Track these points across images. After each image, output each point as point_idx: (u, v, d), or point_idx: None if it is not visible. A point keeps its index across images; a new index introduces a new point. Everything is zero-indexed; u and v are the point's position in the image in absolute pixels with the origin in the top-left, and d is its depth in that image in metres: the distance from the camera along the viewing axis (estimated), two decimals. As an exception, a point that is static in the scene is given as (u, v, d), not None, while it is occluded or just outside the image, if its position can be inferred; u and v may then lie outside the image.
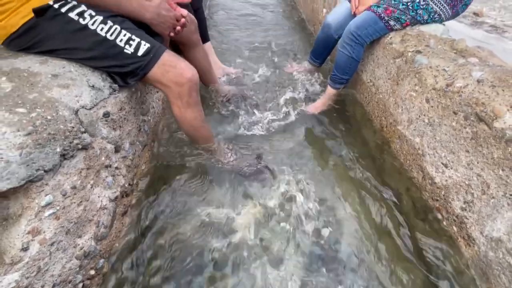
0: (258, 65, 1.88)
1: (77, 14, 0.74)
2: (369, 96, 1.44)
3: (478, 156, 0.80)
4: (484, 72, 0.86)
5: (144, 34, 0.82)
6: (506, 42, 2.95)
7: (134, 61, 0.79)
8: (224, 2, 3.18)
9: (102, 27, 0.76)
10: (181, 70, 0.84)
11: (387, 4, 1.22)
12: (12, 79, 0.69)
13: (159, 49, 0.82)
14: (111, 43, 0.76)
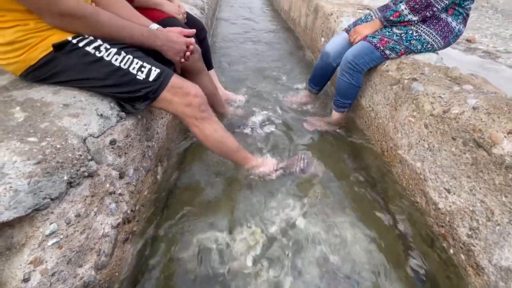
0: (259, 90, 1.94)
1: (94, 48, 0.79)
2: (369, 120, 1.47)
3: (480, 182, 0.81)
4: (479, 100, 0.89)
5: (154, 61, 0.88)
6: (500, 66, 3.04)
7: (146, 85, 0.83)
8: (227, 31, 3.35)
9: (117, 57, 0.80)
10: (186, 89, 0.90)
11: (382, 35, 1.29)
12: (25, 109, 0.73)
13: (168, 74, 0.87)
14: (124, 71, 0.81)
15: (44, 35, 0.75)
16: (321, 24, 2.32)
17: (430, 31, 1.24)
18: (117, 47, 0.81)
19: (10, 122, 0.68)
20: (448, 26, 1.23)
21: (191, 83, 0.93)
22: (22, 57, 0.76)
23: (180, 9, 1.39)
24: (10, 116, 0.70)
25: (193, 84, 0.94)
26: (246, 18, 4.08)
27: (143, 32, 0.87)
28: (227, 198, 1.13)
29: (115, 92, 0.83)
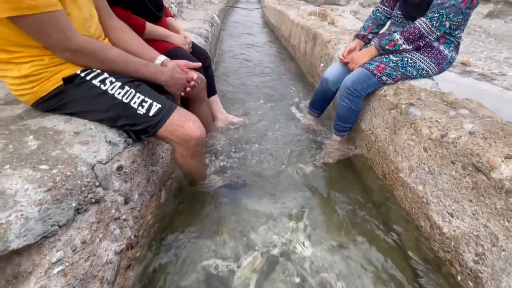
0: (260, 113, 1.99)
1: (100, 81, 0.83)
2: (369, 143, 1.50)
3: (482, 206, 0.81)
4: (475, 124, 0.91)
5: (157, 95, 0.91)
6: (497, 88, 3.11)
7: (146, 120, 0.86)
8: (229, 57, 3.50)
9: (120, 91, 0.85)
10: (188, 130, 0.89)
11: (379, 62, 1.35)
12: (38, 137, 0.76)
13: (169, 109, 0.88)
14: (126, 105, 0.84)
15: (56, 70, 0.80)
16: (319, 51, 2.43)
17: (425, 58, 1.30)
18: (122, 81, 0.86)
19: (23, 150, 0.71)
20: (441, 53, 1.29)
21: (195, 124, 0.92)
22: (34, 89, 0.81)
23: (186, 40, 1.47)
24: (24, 144, 0.73)
25: (197, 125, 0.92)
26: (247, 44, 4.27)
27: (148, 67, 0.93)
28: (229, 222, 1.13)
29: (117, 126, 0.86)
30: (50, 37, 0.72)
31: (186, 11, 3.83)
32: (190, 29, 2.73)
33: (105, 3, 0.97)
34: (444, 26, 1.18)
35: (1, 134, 0.76)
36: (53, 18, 0.69)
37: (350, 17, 8.46)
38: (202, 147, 0.99)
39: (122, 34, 1.01)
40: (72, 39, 0.75)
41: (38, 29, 0.70)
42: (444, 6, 1.14)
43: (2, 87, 1.10)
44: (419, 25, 1.21)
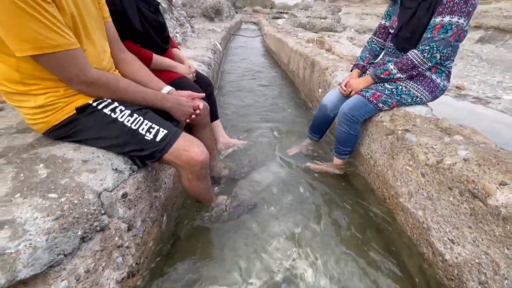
0: (262, 136, 2.04)
1: (110, 110, 0.88)
2: (369, 168, 1.52)
3: (481, 233, 0.82)
4: (469, 151, 0.94)
5: (164, 122, 0.96)
6: (492, 111, 3.18)
7: (153, 145, 0.90)
8: (231, 82, 3.62)
9: (129, 119, 0.89)
10: (193, 154, 0.93)
11: (375, 90, 1.41)
12: (48, 166, 0.79)
13: (174, 135, 0.93)
14: (135, 132, 0.89)
15: (70, 100, 0.85)
16: (317, 77, 2.53)
17: (418, 86, 1.36)
18: (131, 109, 0.91)
19: (34, 178, 0.74)
20: (433, 82, 1.36)
21: (199, 148, 0.95)
22: (48, 118, 0.85)
23: (190, 69, 1.55)
24: (34, 172, 0.76)
25: (201, 149, 0.96)
26: (248, 70, 4.43)
27: (156, 95, 0.99)
28: (230, 247, 1.12)
29: (125, 151, 0.90)
30: (68, 72, 0.78)
31: (190, 40, 4.03)
32: (194, 56, 2.86)
33: (118, 39, 1.05)
34: (435, 58, 1.25)
35: (13, 163, 0.79)
36: (71, 56, 0.75)
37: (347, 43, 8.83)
38: (206, 170, 1.02)
39: (131, 66, 1.08)
40: (87, 73, 0.81)
41: (57, 65, 0.75)
42: (434, 39, 1.21)
43: (15, 115, 1.15)
44: (411, 57, 1.28)
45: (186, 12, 6.15)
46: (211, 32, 5.78)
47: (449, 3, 1.16)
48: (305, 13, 12.85)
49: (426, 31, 1.24)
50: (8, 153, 0.85)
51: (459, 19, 1.15)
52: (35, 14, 0.65)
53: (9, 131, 1.01)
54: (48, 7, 0.68)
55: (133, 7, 1.24)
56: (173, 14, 4.06)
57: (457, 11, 1.14)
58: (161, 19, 1.43)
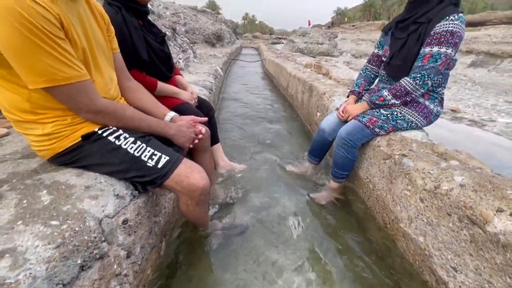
0: (261, 159, 2.06)
1: (115, 137, 0.91)
2: (368, 191, 1.52)
3: (482, 261, 0.81)
4: (465, 177, 0.96)
5: (166, 148, 0.98)
6: (488, 134, 3.23)
7: (154, 172, 0.92)
8: (231, 106, 3.71)
9: (132, 146, 0.92)
10: (194, 180, 0.94)
11: (371, 115, 1.45)
12: (51, 192, 0.80)
13: (176, 161, 0.94)
14: (137, 159, 0.91)
15: (76, 128, 0.88)
16: (316, 101, 2.60)
17: (413, 112, 1.41)
18: (134, 136, 0.93)
19: (36, 205, 0.75)
20: (427, 108, 1.41)
21: (200, 174, 0.97)
22: (53, 146, 0.88)
23: (192, 95, 1.61)
24: (37, 199, 0.77)
25: (202, 176, 0.97)
26: (248, 93, 4.56)
27: (159, 123, 1.02)
28: (229, 274, 1.10)
29: (128, 177, 0.92)
30: (78, 102, 0.81)
31: (193, 65, 4.19)
32: (196, 81, 2.96)
33: (124, 68, 1.11)
34: (427, 84, 1.31)
35: (17, 189, 0.80)
36: (81, 87, 0.79)
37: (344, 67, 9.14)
38: (206, 196, 1.03)
39: (137, 94, 1.12)
40: (96, 102, 0.84)
41: (68, 96, 0.79)
42: (425, 67, 1.28)
43: (21, 140, 1.18)
44: (404, 84, 1.34)
45: (189, 38, 6.44)
46: (213, 58, 6.01)
47: (437, 34, 1.23)
48: (303, 39, 13.43)
49: (417, 60, 1.31)
50: (13, 179, 0.86)
51: (447, 50, 1.22)
52: (49, 49, 0.70)
53: (14, 156, 1.04)
54: (62, 43, 0.73)
55: (141, 38, 1.32)
56: (176, 41, 4.25)
57: (444, 42, 1.21)
58: (167, 49, 1.50)
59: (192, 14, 10.47)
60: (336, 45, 14.04)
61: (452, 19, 1.20)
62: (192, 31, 8.33)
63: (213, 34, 9.35)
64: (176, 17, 8.47)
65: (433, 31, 1.24)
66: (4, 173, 0.90)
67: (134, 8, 1.33)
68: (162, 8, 8.23)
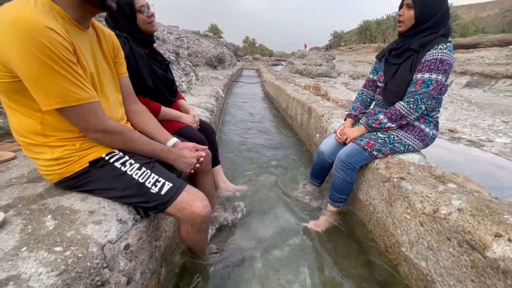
0: (262, 181, 2.07)
1: (121, 163, 0.94)
2: (368, 214, 1.52)
3: (484, 287, 0.81)
4: (462, 201, 0.97)
5: (170, 175, 0.98)
6: (487, 154, 3.25)
7: (157, 198, 0.93)
8: (232, 127, 3.77)
9: (137, 172, 0.94)
10: (196, 208, 0.96)
11: (369, 138, 1.49)
12: (56, 217, 0.82)
13: (179, 189, 0.96)
14: (141, 185, 0.93)
15: (84, 153, 0.91)
16: (315, 123, 2.65)
17: (409, 135, 1.45)
18: (140, 163, 0.96)
19: (41, 230, 0.76)
20: (422, 131, 1.45)
21: (202, 203, 0.98)
22: (61, 170, 0.90)
23: (195, 119, 1.66)
24: (42, 224, 0.78)
25: (204, 204, 0.98)
26: (249, 113, 4.65)
27: (162, 148, 1.06)
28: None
29: (131, 202, 0.94)
30: (88, 121, 0.85)
31: (195, 87, 4.31)
32: (198, 103, 3.04)
33: (131, 92, 1.15)
34: (420, 109, 1.36)
35: (22, 214, 0.82)
36: (91, 107, 0.83)
37: (342, 88, 9.36)
38: (207, 224, 1.04)
39: (142, 118, 1.16)
40: (105, 123, 0.88)
41: (78, 116, 0.83)
42: (418, 92, 1.33)
43: (27, 164, 1.21)
44: (398, 108, 1.39)
45: (192, 61, 6.68)
46: (214, 80, 6.19)
47: (427, 62, 1.30)
48: (302, 60, 13.87)
49: (410, 85, 1.37)
50: (19, 203, 0.88)
51: (437, 76, 1.28)
52: (65, 73, 0.75)
53: (21, 180, 1.06)
54: (75, 67, 0.78)
55: (146, 66, 1.39)
56: (179, 65, 4.41)
57: (434, 69, 1.28)
58: (170, 75, 1.58)
59: (195, 38, 10.91)
60: (334, 67, 14.46)
61: (441, 48, 1.28)
62: (194, 54, 8.64)
63: (214, 57, 9.68)
64: (180, 41, 8.83)
65: (424, 59, 1.31)
66: (10, 197, 0.92)
67: (141, 39, 1.41)
68: (167, 33, 8.60)
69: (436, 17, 1.31)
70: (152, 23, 1.40)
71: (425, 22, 1.32)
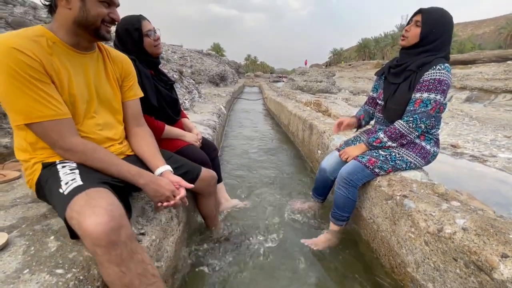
0: (264, 198, 2.06)
1: (62, 165, 0.87)
2: (372, 233, 1.50)
3: (494, 311, 0.78)
4: (466, 220, 0.96)
5: (93, 177, 0.84)
6: (490, 169, 3.23)
7: (58, 200, 0.79)
8: (234, 143, 3.80)
9: (67, 171, 0.85)
10: (87, 223, 0.69)
11: (370, 156, 1.49)
12: (58, 238, 0.82)
13: (82, 188, 0.77)
14: (57, 182, 0.82)
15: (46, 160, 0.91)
16: (316, 139, 2.67)
17: (410, 153, 1.45)
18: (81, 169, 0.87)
19: (44, 252, 0.76)
20: (423, 149, 1.45)
21: (97, 212, 0.70)
22: (30, 177, 0.93)
23: (197, 137, 1.68)
24: (44, 245, 0.79)
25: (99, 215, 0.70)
26: (251, 129, 4.69)
27: (130, 169, 0.95)
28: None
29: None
30: (51, 138, 0.86)
31: (198, 105, 4.39)
32: (200, 121, 3.09)
33: (138, 115, 1.16)
34: (420, 128, 1.37)
35: (25, 235, 0.83)
36: (54, 125, 0.84)
37: (343, 104, 9.46)
38: (109, 252, 0.70)
39: (139, 141, 1.14)
40: (66, 140, 0.86)
41: (42, 132, 0.85)
42: (417, 112, 1.35)
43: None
44: (398, 126, 1.41)
45: (194, 79, 6.83)
46: (216, 97, 6.30)
47: (426, 82, 1.33)
48: (302, 77, 14.13)
49: (409, 104, 1.39)
50: (22, 224, 0.89)
51: (435, 96, 1.31)
52: (28, 91, 0.79)
53: (25, 200, 1.07)
54: (40, 85, 0.81)
55: (152, 87, 1.44)
56: (183, 83, 4.52)
57: (433, 89, 1.30)
58: (175, 95, 1.62)
59: (198, 57, 11.23)
60: (334, 83, 14.69)
61: (439, 68, 1.31)
62: (197, 73, 8.85)
63: (217, 74, 9.91)
64: (183, 60, 9.09)
65: (422, 79, 1.34)
66: (14, 218, 0.92)
67: (147, 60, 1.47)
68: (171, 53, 8.87)
69: (440, 41, 1.33)
70: (158, 46, 1.46)
71: (428, 44, 1.36)
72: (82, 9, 0.85)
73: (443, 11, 1.35)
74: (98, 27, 0.89)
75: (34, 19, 2.07)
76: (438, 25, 1.33)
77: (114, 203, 0.75)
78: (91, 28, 0.89)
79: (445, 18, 1.33)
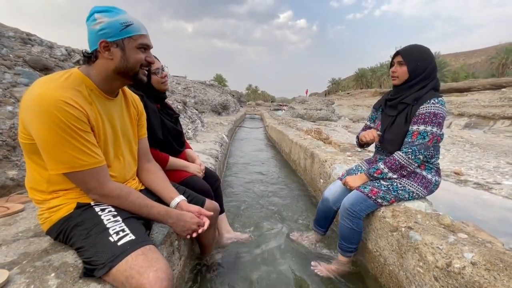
0: (266, 229, 2.01)
1: (101, 209, 0.90)
2: (380, 267, 1.45)
3: None
4: (475, 253, 0.94)
5: (139, 230, 0.87)
6: (497, 197, 3.17)
7: (110, 249, 0.80)
8: (236, 172, 3.80)
9: (110, 218, 0.87)
10: (145, 281, 0.73)
11: (372, 186, 1.49)
12: (59, 275, 0.81)
13: (139, 244, 0.81)
14: (104, 231, 0.84)
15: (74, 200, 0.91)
16: (318, 168, 2.68)
17: (412, 183, 1.45)
18: (119, 211, 0.91)
19: (43, 291, 0.74)
20: (425, 178, 1.46)
21: (156, 268, 0.77)
22: (51, 217, 0.91)
23: (201, 167, 1.70)
24: (45, 283, 0.77)
25: (157, 270, 0.76)
26: (252, 158, 4.71)
27: (159, 211, 1.00)
28: None
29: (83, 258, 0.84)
30: (89, 184, 0.88)
31: (200, 134, 4.47)
32: (203, 150, 3.13)
33: (147, 151, 1.20)
34: (419, 159, 1.39)
35: (26, 272, 0.81)
36: (95, 172, 0.87)
37: (343, 131, 9.57)
38: None
39: (151, 177, 1.17)
40: (104, 186, 0.90)
41: (81, 179, 0.87)
42: (415, 143, 1.38)
43: (34, 216, 1.23)
44: (397, 157, 1.43)
45: (197, 109, 7.03)
46: (219, 125, 6.42)
47: (421, 115, 1.38)
48: (302, 105, 14.48)
49: (407, 136, 1.43)
50: (23, 260, 0.88)
51: (432, 128, 1.34)
52: (74, 142, 0.81)
53: (27, 234, 1.06)
54: (85, 135, 0.84)
55: (158, 120, 1.49)
56: (186, 113, 4.65)
57: (429, 122, 1.35)
58: (179, 128, 1.67)
59: (201, 88, 11.65)
60: (334, 111, 15.01)
61: (433, 102, 1.36)
62: (200, 102, 9.12)
63: (219, 104, 10.20)
64: (187, 91, 9.42)
65: (418, 112, 1.39)
66: (15, 253, 0.91)
67: (154, 95, 1.54)
68: (175, 84, 9.23)
69: (427, 71, 1.42)
70: (165, 83, 1.54)
71: (417, 76, 1.44)
72: (123, 58, 0.89)
73: (418, 46, 1.45)
74: (137, 72, 0.94)
75: (50, 57, 2.21)
76: (421, 58, 1.42)
77: (167, 264, 0.82)
78: (130, 74, 0.92)
79: (423, 51, 1.43)
